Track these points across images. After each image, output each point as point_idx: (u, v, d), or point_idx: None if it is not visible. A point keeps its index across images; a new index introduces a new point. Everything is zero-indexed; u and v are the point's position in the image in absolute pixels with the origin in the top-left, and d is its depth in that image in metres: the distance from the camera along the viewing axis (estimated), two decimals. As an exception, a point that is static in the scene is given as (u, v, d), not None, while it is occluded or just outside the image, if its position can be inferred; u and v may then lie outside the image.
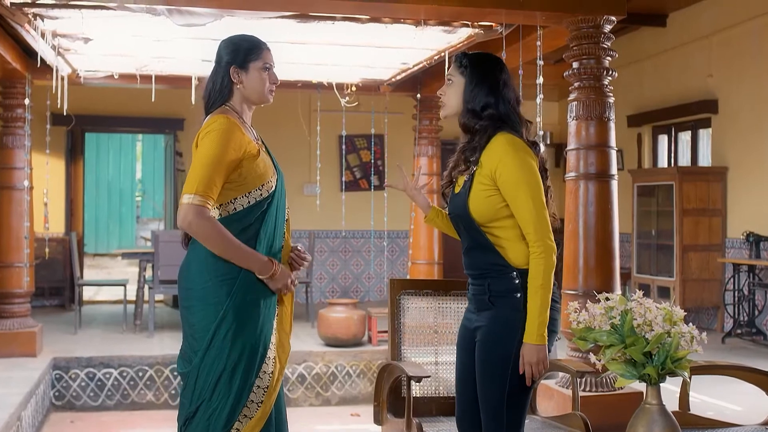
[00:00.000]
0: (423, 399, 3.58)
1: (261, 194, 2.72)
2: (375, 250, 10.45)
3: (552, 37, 5.36)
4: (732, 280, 7.83)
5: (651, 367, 2.46)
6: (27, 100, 6.86)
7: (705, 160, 8.93)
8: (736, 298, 7.77)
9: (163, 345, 7.27)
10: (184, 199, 2.60)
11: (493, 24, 5.45)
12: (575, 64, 4.89)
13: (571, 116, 4.94)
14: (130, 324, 8.15)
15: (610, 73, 4.87)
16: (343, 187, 10.37)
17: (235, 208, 2.70)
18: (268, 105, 2.91)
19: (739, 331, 7.69)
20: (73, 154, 10.27)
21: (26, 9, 5.08)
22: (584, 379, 4.68)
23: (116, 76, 7.27)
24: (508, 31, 5.39)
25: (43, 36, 5.61)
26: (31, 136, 7.06)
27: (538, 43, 5.12)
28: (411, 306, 3.64)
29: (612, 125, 4.91)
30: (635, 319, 2.50)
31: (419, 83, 7.99)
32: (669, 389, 2.98)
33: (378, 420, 3.61)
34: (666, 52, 9.13)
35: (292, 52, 6.33)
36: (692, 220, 8.34)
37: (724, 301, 8.04)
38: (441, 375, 3.63)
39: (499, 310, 2.64)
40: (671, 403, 2.83)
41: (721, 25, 8.26)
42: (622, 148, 8.88)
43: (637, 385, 2.80)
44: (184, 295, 2.75)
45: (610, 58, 4.90)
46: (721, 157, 8.44)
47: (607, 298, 2.60)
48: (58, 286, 9.79)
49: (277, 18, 5.17)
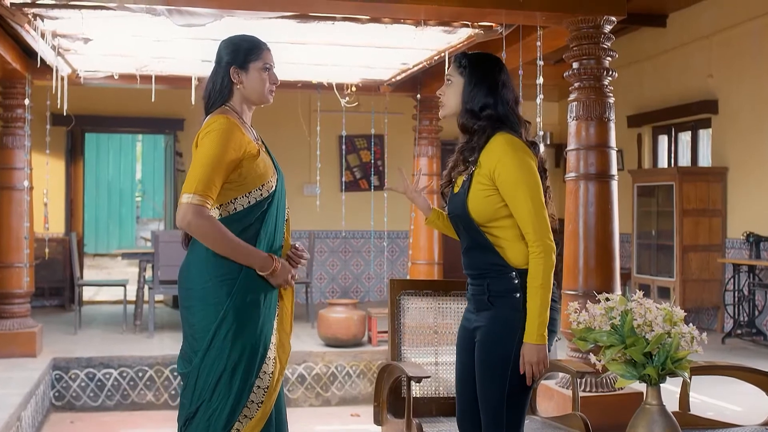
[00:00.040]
0: (423, 399, 3.58)
1: (261, 194, 2.72)
2: (375, 251, 10.45)
3: (552, 38, 5.36)
4: (732, 280, 7.83)
5: (651, 367, 2.46)
6: (27, 101, 6.86)
7: (705, 160, 8.93)
8: (736, 299, 7.76)
9: (163, 345, 7.27)
10: (184, 199, 2.60)
11: (493, 24, 5.45)
12: (575, 65, 4.89)
13: (571, 116, 4.94)
14: (130, 324, 8.15)
15: (610, 73, 4.87)
16: (343, 188, 10.37)
17: (235, 208, 2.70)
18: (268, 105, 2.91)
19: (739, 332, 7.69)
20: (73, 154, 10.27)
21: (26, 9, 5.07)
22: (584, 380, 4.68)
23: (116, 77, 7.28)
24: (508, 31, 5.39)
25: (43, 36, 5.61)
26: (31, 137, 7.06)
27: (538, 44, 5.12)
28: (411, 306, 3.63)
29: (612, 125, 4.90)
30: (635, 320, 2.50)
31: (419, 83, 7.99)
32: (669, 390, 2.97)
33: (378, 420, 3.60)
34: (666, 53, 9.13)
35: (292, 53, 6.33)
36: (692, 220, 8.34)
37: (724, 302, 8.04)
38: (441, 375, 3.63)
39: (498, 310, 2.63)
40: (671, 404, 2.82)
41: (721, 26, 8.26)
42: (622, 149, 8.88)
43: (637, 385, 2.79)
44: (184, 295, 2.75)
45: (610, 59, 4.90)
46: (721, 158, 8.44)
47: (607, 299, 2.60)
48: (58, 287, 9.79)
49: (277, 18, 5.17)
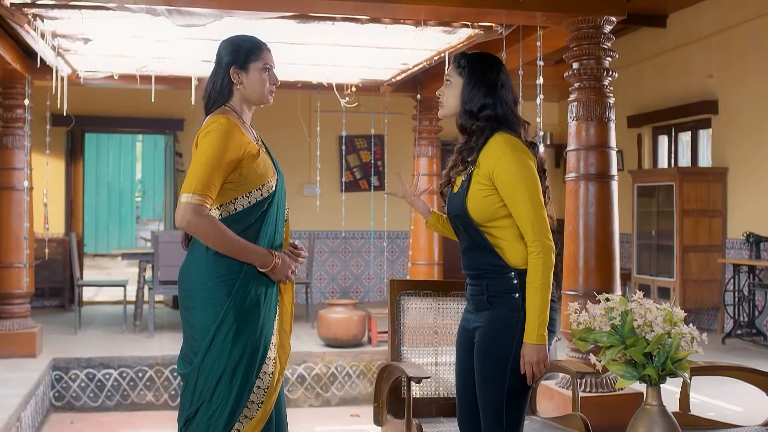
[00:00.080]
0: (423, 400, 3.58)
1: (261, 194, 2.72)
2: (375, 251, 10.45)
3: (552, 38, 5.35)
4: (732, 280, 7.83)
5: (651, 367, 2.46)
6: (27, 101, 6.86)
7: (705, 160, 8.93)
8: (736, 299, 7.77)
9: (163, 346, 7.27)
10: (183, 198, 2.59)
11: (493, 24, 5.44)
12: (575, 65, 4.89)
13: (571, 117, 4.93)
14: (130, 325, 8.15)
15: (610, 73, 4.87)
16: (343, 188, 10.37)
17: (235, 209, 2.70)
18: (268, 105, 2.91)
19: (739, 332, 7.69)
20: (73, 154, 10.27)
21: (26, 9, 5.07)
22: (584, 380, 4.68)
23: (116, 77, 7.28)
24: (508, 31, 5.39)
25: (43, 36, 5.61)
26: (31, 137, 7.06)
27: (538, 44, 5.12)
28: (411, 306, 3.63)
29: (612, 126, 4.90)
30: (635, 320, 2.50)
31: (419, 84, 7.99)
32: (669, 390, 2.97)
33: (378, 421, 3.60)
34: (666, 53, 9.13)
35: (292, 53, 6.33)
36: (692, 220, 8.34)
37: (724, 302, 8.04)
38: (441, 376, 3.62)
39: (497, 310, 2.63)
40: (671, 404, 2.82)
41: (722, 26, 8.26)
42: (622, 149, 8.88)
43: (638, 385, 2.79)
44: (184, 296, 2.75)
45: (610, 59, 4.89)
46: (721, 158, 8.44)
47: (608, 299, 2.59)
48: (58, 287, 9.78)
49: (277, 18, 5.17)
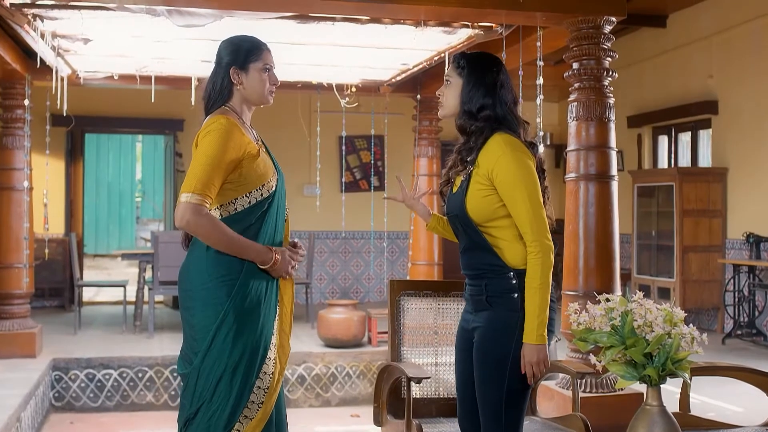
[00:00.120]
0: (423, 400, 3.58)
1: (261, 194, 2.72)
2: (375, 251, 10.45)
3: (552, 38, 5.35)
4: (732, 281, 7.83)
5: (651, 368, 2.46)
6: (27, 101, 6.86)
7: (705, 160, 8.93)
8: (737, 299, 7.76)
9: (163, 346, 7.27)
10: (182, 198, 2.59)
11: (493, 25, 5.44)
12: (575, 65, 4.89)
13: (571, 117, 4.93)
14: (130, 325, 8.14)
15: (611, 73, 4.87)
16: (343, 188, 10.37)
17: (235, 209, 2.70)
18: (268, 106, 2.90)
19: (740, 332, 7.69)
20: (73, 154, 10.27)
21: (26, 10, 5.07)
22: (584, 380, 4.67)
23: (116, 77, 7.28)
24: (508, 31, 5.39)
25: (43, 37, 5.61)
26: (31, 137, 7.06)
27: (538, 44, 5.11)
28: (411, 307, 3.63)
29: (612, 126, 4.90)
30: (636, 321, 2.49)
31: (419, 84, 7.99)
32: (669, 390, 2.97)
33: (378, 421, 3.60)
34: (666, 53, 9.13)
35: (292, 53, 6.32)
36: (692, 220, 8.34)
37: (724, 302, 8.03)
38: (441, 376, 3.62)
39: (496, 310, 2.63)
40: (672, 405, 2.82)
41: (722, 26, 8.26)
42: (622, 149, 8.88)
43: (638, 386, 2.79)
44: (184, 296, 2.74)
45: (610, 59, 4.89)
46: (721, 158, 8.44)
47: (608, 299, 2.59)
48: (58, 287, 9.78)
49: (277, 19, 5.17)
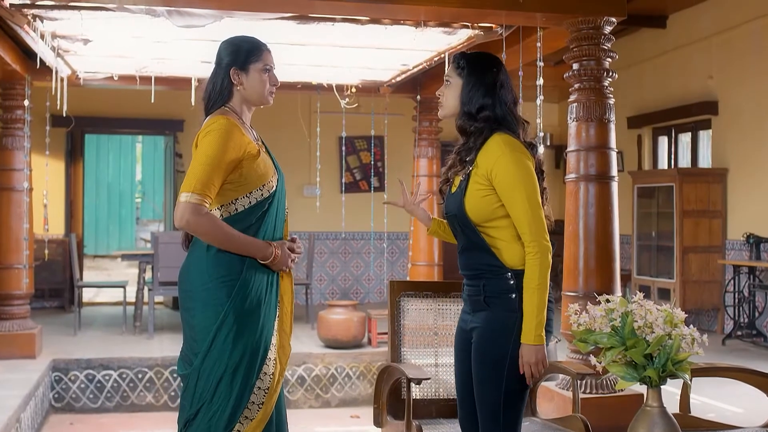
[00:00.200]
0: (423, 401, 3.57)
1: (262, 194, 2.72)
2: (375, 252, 10.44)
3: (552, 39, 5.35)
4: (732, 281, 7.83)
5: (652, 369, 2.46)
6: (26, 102, 6.86)
7: (705, 161, 8.93)
8: (737, 300, 7.76)
9: (163, 347, 7.27)
10: (182, 198, 2.59)
11: (493, 25, 5.44)
12: (575, 66, 4.88)
13: (571, 118, 4.93)
14: (130, 326, 8.14)
15: (611, 74, 4.86)
16: (343, 189, 10.36)
17: (236, 209, 2.70)
18: (268, 106, 2.90)
19: (740, 333, 7.68)
20: (73, 155, 10.26)
21: (25, 10, 5.07)
22: (585, 381, 4.67)
23: (116, 78, 7.28)
24: (508, 32, 5.39)
25: (43, 37, 5.61)
26: (31, 138, 7.06)
27: (538, 45, 5.11)
28: (411, 308, 3.63)
29: (612, 127, 4.90)
30: (636, 321, 2.49)
31: (419, 85, 7.99)
32: (670, 391, 2.96)
33: (378, 422, 3.60)
34: (666, 54, 9.13)
35: (292, 54, 6.32)
36: (692, 221, 8.33)
37: (725, 303, 8.03)
38: (441, 377, 3.62)
39: (494, 311, 2.63)
40: (672, 406, 2.82)
41: (722, 27, 8.26)
42: (622, 150, 8.88)
43: (638, 387, 2.78)
44: (185, 297, 2.74)
45: (610, 60, 4.89)
46: (721, 159, 8.43)
47: (608, 300, 2.59)
48: (58, 288, 9.78)
49: (277, 19, 5.16)
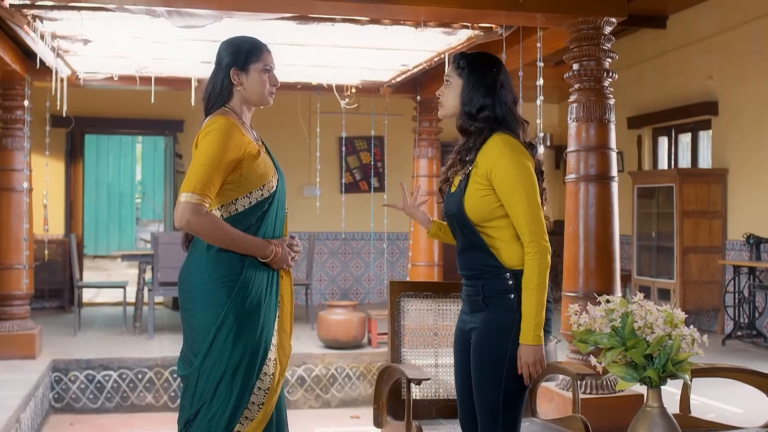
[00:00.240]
0: (423, 401, 3.57)
1: (262, 194, 2.72)
2: (375, 252, 10.44)
3: (552, 39, 5.34)
4: (732, 282, 7.83)
5: (652, 369, 2.45)
6: (26, 102, 6.86)
7: (705, 162, 8.93)
8: (737, 300, 7.76)
9: (163, 347, 7.26)
10: (182, 198, 2.59)
11: (493, 25, 5.44)
12: (575, 66, 4.88)
13: (571, 118, 4.93)
14: (130, 326, 8.14)
15: (611, 74, 4.86)
16: (343, 189, 10.36)
17: (236, 209, 2.70)
18: (268, 107, 2.90)
19: (740, 333, 7.68)
20: (73, 155, 10.26)
21: (25, 10, 5.07)
22: (585, 382, 4.66)
23: (116, 78, 7.27)
24: (508, 32, 5.38)
25: (43, 37, 5.60)
26: (31, 138, 7.06)
27: (538, 45, 5.11)
28: (411, 308, 3.63)
29: (612, 127, 4.90)
30: (636, 322, 2.49)
31: (419, 85, 7.99)
32: (670, 392, 2.96)
33: (378, 422, 3.59)
34: (666, 54, 9.13)
35: (292, 54, 6.32)
36: (692, 222, 8.33)
37: (725, 303, 8.03)
38: (441, 377, 3.62)
39: (492, 311, 2.63)
40: (672, 406, 2.82)
41: (722, 27, 8.25)
42: (622, 150, 8.87)
43: (638, 387, 2.78)
44: (185, 297, 2.74)
45: (610, 60, 4.89)
46: (721, 159, 8.43)
47: (608, 301, 2.59)
48: (58, 288, 9.78)
49: (277, 20, 5.16)
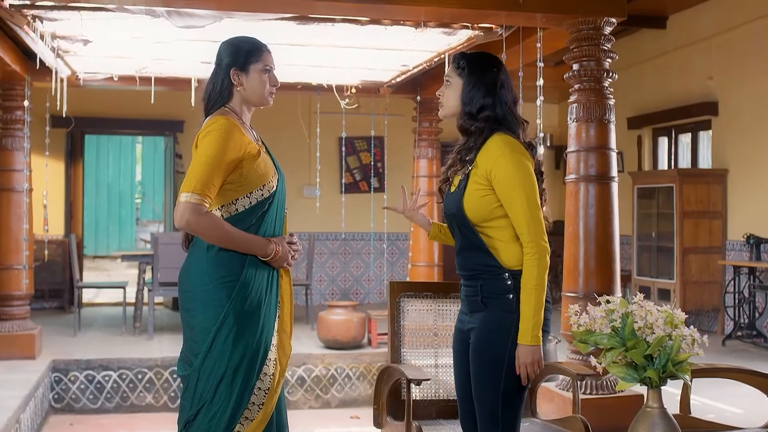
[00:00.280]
0: (423, 402, 3.57)
1: (262, 194, 2.72)
2: (375, 253, 10.44)
3: (552, 39, 5.34)
4: (732, 282, 7.82)
5: (652, 370, 2.45)
6: (26, 102, 6.86)
7: (705, 162, 8.93)
8: (737, 301, 7.76)
9: (163, 347, 7.26)
10: (182, 198, 2.59)
11: (493, 26, 5.44)
12: (575, 66, 4.88)
13: (571, 118, 4.93)
14: (130, 326, 8.14)
15: (611, 75, 4.86)
16: (343, 189, 10.36)
17: (236, 209, 2.70)
18: (268, 107, 2.90)
19: (740, 334, 7.68)
20: (73, 156, 10.26)
21: (25, 11, 5.07)
22: (585, 382, 4.66)
23: (116, 78, 7.27)
24: (508, 33, 5.38)
25: (42, 38, 5.60)
26: (31, 138, 7.06)
27: (538, 45, 5.10)
28: (411, 308, 3.63)
29: (612, 127, 4.90)
30: (636, 322, 2.49)
31: (419, 85, 7.99)
32: (670, 392, 2.96)
33: (378, 423, 3.59)
34: (666, 54, 9.13)
35: (292, 54, 6.32)
36: (692, 222, 8.33)
37: (725, 304, 8.03)
38: (441, 378, 3.62)
39: (491, 311, 2.63)
40: (672, 406, 2.82)
41: (722, 27, 8.25)
42: (622, 150, 8.86)
43: (638, 388, 2.78)
44: (185, 297, 2.74)
45: (610, 60, 4.89)
46: (721, 160, 8.43)
47: (608, 301, 2.59)
48: (58, 289, 9.77)
49: (277, 20, 5.16)
